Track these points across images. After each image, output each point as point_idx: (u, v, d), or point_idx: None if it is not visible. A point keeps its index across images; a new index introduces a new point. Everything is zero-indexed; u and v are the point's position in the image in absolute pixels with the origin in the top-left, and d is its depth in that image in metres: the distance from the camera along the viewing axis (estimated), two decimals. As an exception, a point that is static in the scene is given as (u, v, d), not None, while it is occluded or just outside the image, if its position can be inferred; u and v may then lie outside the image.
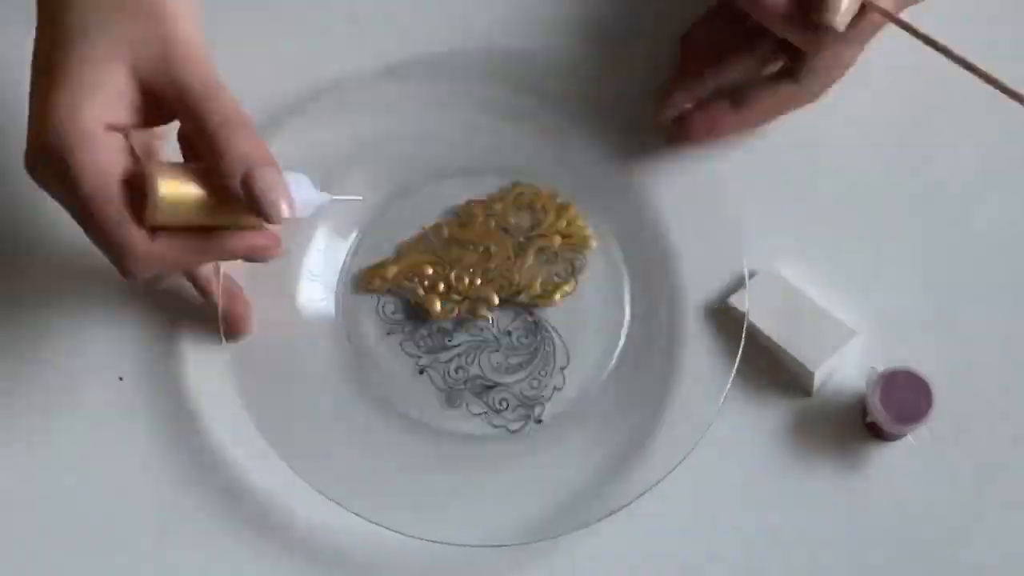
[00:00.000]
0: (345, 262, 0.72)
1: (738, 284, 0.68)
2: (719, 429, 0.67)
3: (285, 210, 0.56)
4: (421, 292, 0.71)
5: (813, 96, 0.69)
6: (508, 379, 0.70)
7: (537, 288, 0.71)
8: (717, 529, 0.67)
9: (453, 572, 0.67)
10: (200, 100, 0.56)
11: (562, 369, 0.70)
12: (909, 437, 0.65)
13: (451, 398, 0.70)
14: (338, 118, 0.72)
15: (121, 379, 0.70)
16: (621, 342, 0.70)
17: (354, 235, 0.72)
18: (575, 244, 0.71)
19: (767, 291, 0.68)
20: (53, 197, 0.58)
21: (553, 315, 0.71)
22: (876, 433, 0.66)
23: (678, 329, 0.69)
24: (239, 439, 0.68)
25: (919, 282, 0.70)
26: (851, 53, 0.67)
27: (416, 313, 0.71)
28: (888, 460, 0.67)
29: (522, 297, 0.71)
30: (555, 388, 0.70)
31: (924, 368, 0.65)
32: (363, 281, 0.72)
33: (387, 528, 0.64)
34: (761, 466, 0.67)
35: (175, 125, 0.58)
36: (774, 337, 0.67)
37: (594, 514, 0.64)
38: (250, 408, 0.66)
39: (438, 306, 0.71)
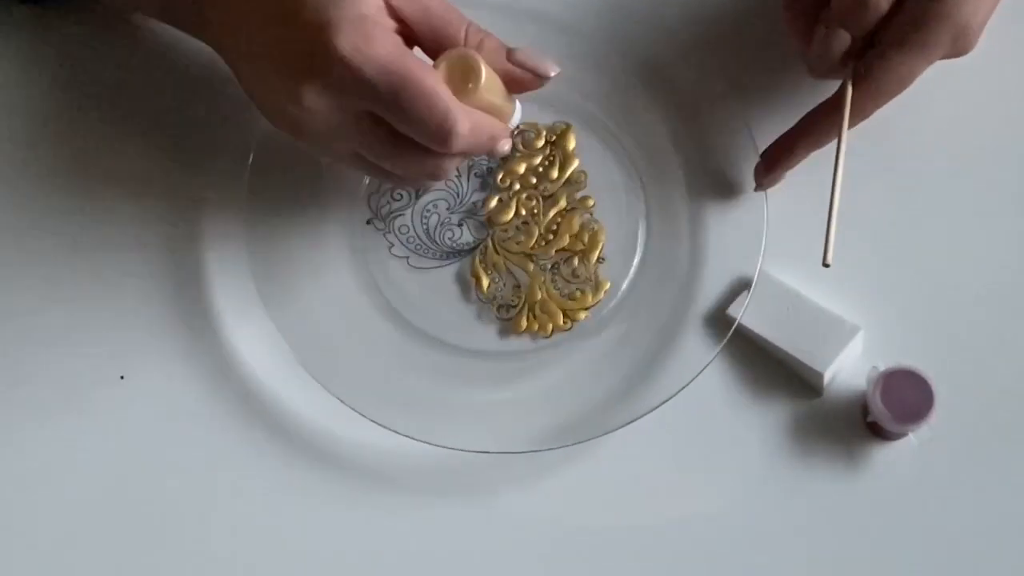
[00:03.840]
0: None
1: (735, 292, 0.68)
2: (719, 428, 0.67)
3: (552, 67, 0.62)
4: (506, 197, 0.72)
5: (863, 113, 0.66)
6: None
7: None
8: (718, 529, 0.67)
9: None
10: (451, 13, 0.61)
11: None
12: (911, 436, 0.65)
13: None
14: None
15: (122, 378, 0.70)
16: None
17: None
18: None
19: (764, 296, 0.68)
20: (350, 126, 0.60)
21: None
22: (877, 432, 0.66)
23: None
24: (240, 440, 0.69)
25: (919, 280, 0.69)
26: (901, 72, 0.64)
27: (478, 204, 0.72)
28: (889, 459, 0.66)
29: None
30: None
31: (925, 367, 0.64)
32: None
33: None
34: (762, 466, 0.67)
35: None
36: (778, 343, 0.66)
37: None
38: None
39: (506, 216, 0.72)
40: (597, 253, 0.71)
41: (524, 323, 0.70)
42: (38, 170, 0.73)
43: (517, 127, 0.67)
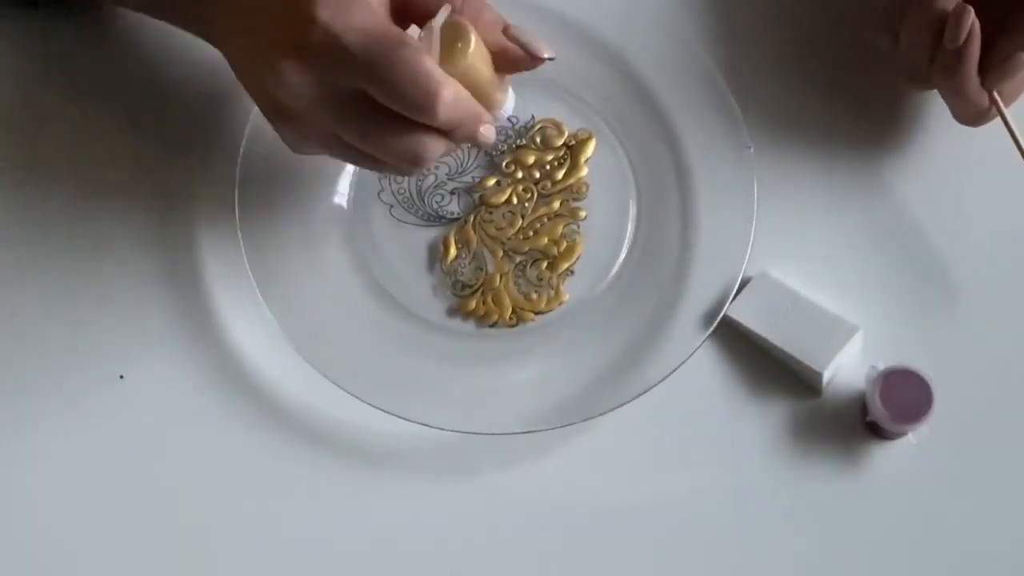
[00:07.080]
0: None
1: (733, 292, 0.67)
2: (718, 428, 0.67)
3: (547, 49, 0.60)
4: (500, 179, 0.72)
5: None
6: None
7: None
8: (716, 528, 0.67)
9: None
10: None
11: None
12: (910, 436, 0.65)
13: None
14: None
15: (122, 377, 0.70)
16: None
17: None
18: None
19: (763, 296, 0.68)
20: (327, 102, 0.58)
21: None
22: (876, 432, 0.66)
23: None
24: (241, 438, 0.68)
25: (919, 280, 0.70)
26: None
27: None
28: (888, 459, 0.66)
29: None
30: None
31: (924, 366, 0.64)
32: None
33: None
34: (760, 465, 0.67)
35: None
36: (778, 343, 0.66)
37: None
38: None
39: (499, 199, 0.72)
40: (568, 265, 0.71)
41: (472, 305, 0.70)
42: (36, 171, 0.73)
43: (509, 118, 0.64)
